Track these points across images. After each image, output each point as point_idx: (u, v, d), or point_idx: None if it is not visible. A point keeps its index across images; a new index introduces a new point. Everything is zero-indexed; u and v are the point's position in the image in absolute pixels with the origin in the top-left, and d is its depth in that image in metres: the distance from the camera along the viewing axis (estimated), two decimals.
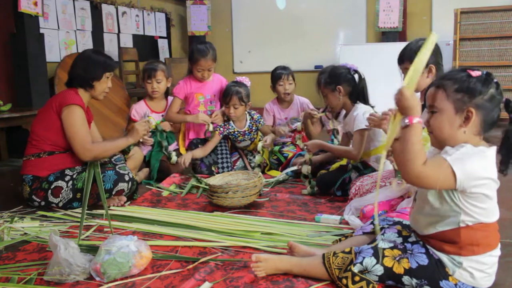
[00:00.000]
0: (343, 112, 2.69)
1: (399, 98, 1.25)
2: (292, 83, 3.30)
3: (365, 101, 2.50)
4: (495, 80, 1.29)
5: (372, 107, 2.50)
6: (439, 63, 2.11)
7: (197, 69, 3.12)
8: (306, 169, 2.67)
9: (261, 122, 3.21)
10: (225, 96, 3.08)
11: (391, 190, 1.99)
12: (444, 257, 1.32)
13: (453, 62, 5.15)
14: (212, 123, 3.09)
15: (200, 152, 3.06)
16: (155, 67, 3.14)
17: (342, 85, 2.47)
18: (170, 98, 3.32)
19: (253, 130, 3.20)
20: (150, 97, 3.22)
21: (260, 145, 3.05)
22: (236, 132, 3.16)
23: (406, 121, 1.24)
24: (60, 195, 2.32)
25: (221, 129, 3.13)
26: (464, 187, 1.23)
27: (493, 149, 1.28)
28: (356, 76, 2.49)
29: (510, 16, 5.00)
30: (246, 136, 3.20)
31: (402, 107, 1.25)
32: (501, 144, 1.31)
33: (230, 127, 3.15)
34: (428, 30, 6.05)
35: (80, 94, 2.44)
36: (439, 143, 1.33)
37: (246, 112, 3.18)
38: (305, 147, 2.67)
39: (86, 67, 2.44)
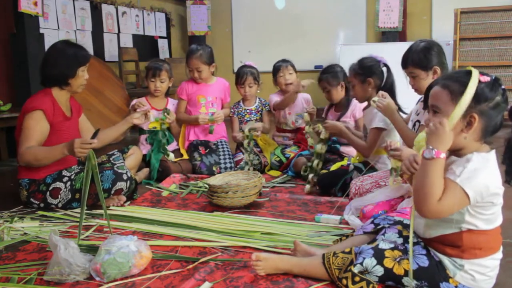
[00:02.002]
0: (353, 112, 2.78)
1: (438, 127, 1.22)
2: (292, 73, 3.31)
3: (393, 96, 2.41)
4: (502, 87, 1.27)
5: (397, 104, 2.40)
6: (443, 62, 2.10)
7: (189, 69, 3.24)
8: (320, 147, 2.64)
9: (266, 107, 3.39)
10: (240, 77, 3.30)
11: (391, 190, 1.99)
12: (445, 259, 1.32)
13: (453, 62, 5.15)
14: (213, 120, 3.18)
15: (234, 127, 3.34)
16: (160, 66, 3.15)
17: (373, 77, 2.42)
18: (170, 99, 3.34)
19: (259, 111, 3.39)
20: (152, 95, 3.23)
21: (247, 127, 3.08)
22: (243, 111, 3.36)
23: (433, 153, 1.21)
24: (59, 196, 2.32)
25: (232, 110, 3.39)
26: (478, 202, 1.23)
27: (493, 153, 1.27)
28: (384, 69, 2.45)
29: (510, 16, 5.00)
30: (252, 116, 3.35)
31: (435, 137, 1.22)
32: (504, 153, 1.30)
33: (239, 106, 3.39)
34: (428, 30, 6.06)
35: (54, 93, 2.38)
36: None
37: (257, 97, 3.42)
38: (324, 125, 2.62)
39: (58, 66, 2.33)
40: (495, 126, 1.27)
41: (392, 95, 2.44)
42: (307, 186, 2.60)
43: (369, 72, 2.43)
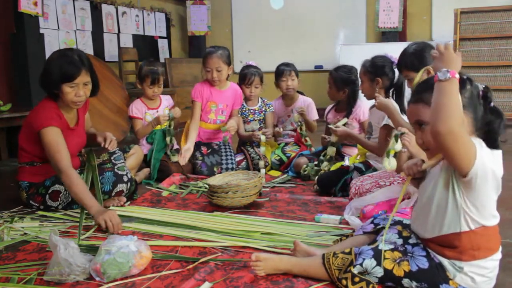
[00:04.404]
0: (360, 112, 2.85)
1: (443, 51, 1.22)
2: (294, 79, 3.35)
3: (401, 97, 2.45)
4: (465, 76, 1.27)
5: (403, 107, 2.39)
6: None
7: (206, 69, 3.10)
8: (331, 151, 2.72)
9: (270, 108, 3.40)
10: (247, 78, 3.30)
11: (392, 191, 1.99)
12: (445, 261, 1.31)
13: None
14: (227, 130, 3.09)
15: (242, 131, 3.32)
16: (158, 72, 3.14)
17: (381, 77, 2.45)
18: (162, 97, 3.33)
19: (263, 111, 3.39)
20: (148, 97, 3.23)
21: (263, 137, 3.07)
22: (247, 111, 3.36)
23: (448, 74, 1.17)
24: (59, 199, 2.31)
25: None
26: (477, 175, 1.19)
27: (499, 153, 1.27)
28: (396, 70, 2.44)
29: (510, 16, 5.00)
30: (256, 115, 3.36)
31: (445, 59, 1.21)
32: (486, 135, 1.29)
33: (242, 106, 3.38)
34: (428, 30, 6.07)
35: (59, 104, 2.27)
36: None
37: (259, 97, 3.43)
38: (333, 128, 2.64)
39: (43, 76, 2.21)
40: (481, 114, 1.28)
41: (400, 95, 2.45)
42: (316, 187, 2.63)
43: (379, 72, 2.46)
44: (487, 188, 1.24)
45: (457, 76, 1.18)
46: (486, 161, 1.20)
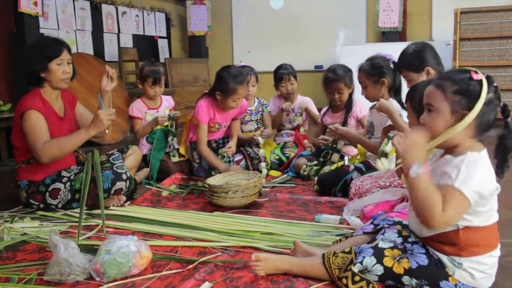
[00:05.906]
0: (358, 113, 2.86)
1: (408, 139, 1.25)
2: (294, 82, 3.37)
3: (399, 95, 2.44)
4: (494, 84, 1.27)
5: (403, 104, 2.38)
6: (439, 63, 2.11)
7: (233, 100, 2.73)
8: (336, 157, 2.75)
9: (267, 108, 3.38)
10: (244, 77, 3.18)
11: (390, 193, 1.98)
12: (444, 258, 1.32)
13: (453, 62, 5.16)
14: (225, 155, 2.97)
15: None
16: (159, 72, 3.14)
17: (385, 77, 2.42)
18: (162, 96, 3.32)
19: (260, 112, 3.36)
20: (148, 97, 3.23)
21: (261, 140, 3.07)
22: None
23: (421, 171, 1.20)
24: (59, 197, 2.31)
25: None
26: (478, 202, 1.23)
27: (485, 151, 1.28)
28: (397, 70, 2.43)
29: (510, 16, 5.01)
30: (253, 116, 3.33)
31: (413, 151, 1.23)
32: (496, 148, 1.31)
33: None
34: (428, 30, 6.07)
35: (43, 92, 2.31)
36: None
37: (255, 97, 3.40)
38: (330, 132, 2.64)
39: (28, 62, 2.25)
40: (488, 123, 1.27)
41: (399, 93, 2.44)
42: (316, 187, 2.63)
43: (381, 73, 2.44)
44: (487, 195, 1.25)
45: (421, 172, 1.21)
46: (480, 188, 1.22)
